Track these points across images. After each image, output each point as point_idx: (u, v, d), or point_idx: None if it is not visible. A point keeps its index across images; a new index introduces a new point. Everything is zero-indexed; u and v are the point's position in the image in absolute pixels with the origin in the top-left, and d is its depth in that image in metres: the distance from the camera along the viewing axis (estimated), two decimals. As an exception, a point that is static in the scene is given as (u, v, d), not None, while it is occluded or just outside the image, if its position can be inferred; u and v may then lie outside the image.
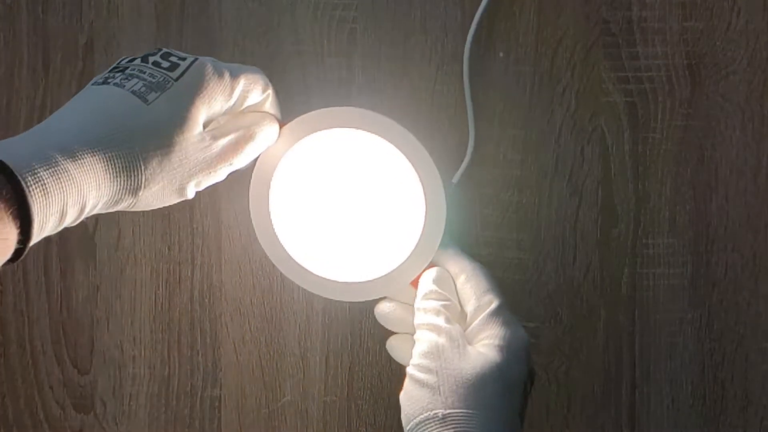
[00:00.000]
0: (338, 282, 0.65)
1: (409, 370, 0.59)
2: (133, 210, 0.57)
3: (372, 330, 0.72)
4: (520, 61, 0.71)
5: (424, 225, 0.64)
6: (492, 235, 0.71)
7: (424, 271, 0.63)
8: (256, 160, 0.64)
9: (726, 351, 0.71)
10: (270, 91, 0.62)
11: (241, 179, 0.64)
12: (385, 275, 0.64)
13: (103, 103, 0.55)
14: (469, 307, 0.61)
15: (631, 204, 0.71)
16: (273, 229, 0.65)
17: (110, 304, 0.72)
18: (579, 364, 0.71)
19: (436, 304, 0.61)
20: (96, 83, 0.57)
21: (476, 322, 0.61)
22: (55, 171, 0.50)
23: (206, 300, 0.72)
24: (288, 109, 0.64)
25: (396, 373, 0.65)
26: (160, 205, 0.58)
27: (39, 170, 0.50)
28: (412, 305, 0.63)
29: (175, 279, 0.72)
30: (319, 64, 0.71)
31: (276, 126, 0.63)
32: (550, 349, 0.71)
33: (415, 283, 0.63)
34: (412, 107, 0.71)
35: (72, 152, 0.52)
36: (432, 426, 0.56)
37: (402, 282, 0.64)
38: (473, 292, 0.61)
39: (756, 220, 0.71)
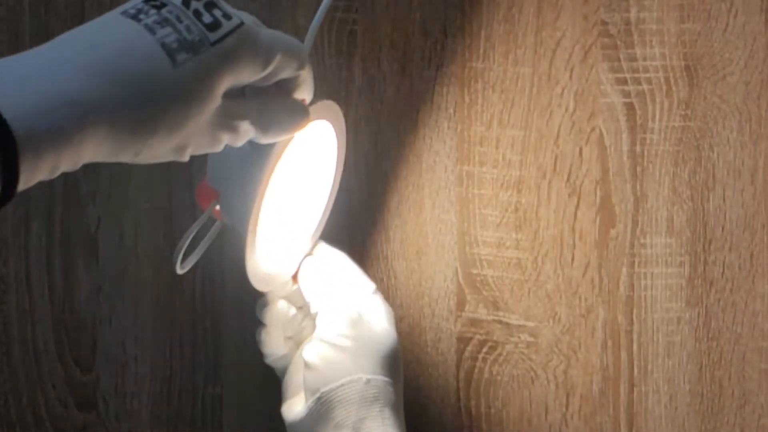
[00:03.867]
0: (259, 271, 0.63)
1: (326, 336, 0.63)
2: (127, 162, 0.51)
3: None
4: (518, 62, 0.71)
5: (314, 222, 0.67)
6: (491, 235, 0.72)
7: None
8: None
9: (723, 350, 0.72)
10: (305, 71, 0.57)
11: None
12: (277, 270, 0.65)
13: (126, 51, 0.48)
14: (352, 288, 0.66)
15: (629, 204, 0.71)
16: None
17: (112, 303, 0.72)
18: (577, 363, 0.72)
19: (335, 281, 0.66)
20: (126, 13, 0.49)
21: (359, 300, 0.65)
22: (53, 131, 0.44)
23: (208, 299, 0.72)
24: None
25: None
26: (154, 161, 0.52)
27: (36, 128, 0.43)
28: (287, 300, 0.67)
29: (177, 278, 0.72)
30: (320, 64, 0.72)
31: (298, 129, 0.58)
32: (549, 348, 0.72)
33: (294, 277, 0.67)
34: (412, 108, 0.71)
35: (76, 110, 0.45)
36: (355, 388, 0.61)
37: (285, 276, 0.66)
38: (352, 275, 0.67)
39: (753, 220, 0.71)
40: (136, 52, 0.47)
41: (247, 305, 0.72)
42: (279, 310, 0.67)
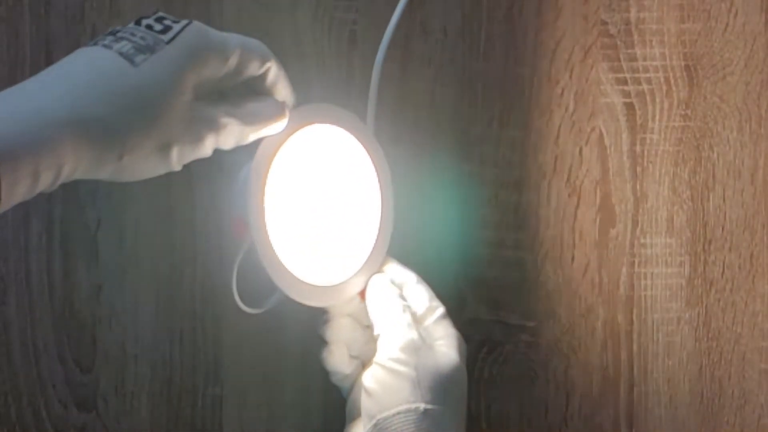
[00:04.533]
0: (306, 283, 0.63)
1: (385, 361, 0.60)
2: (119, 181, 0.55)
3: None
4: (518, 62, 0.71)
5: (378, 236, 0.66)
6: (491, 235, 0.72)
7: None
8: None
9: (723, 350, 0.72)
10: (271, 64, 0.60)
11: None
12: (341, 284, 0.65)
13: (87, 65, 0.53)
14: (420, 310, 0.64)
15: (629, 204, 0.72)
16: (263, 219, 0.63)
17: (112, 303, 0.73)
18: (577, 363, 0.72)
19: (401, 303, 0.63)
20: (85, 45, 0.55)
21: (428, 323, 0.63)
22: (26, 133, 0.48)
23: (208, 299, 0.72)
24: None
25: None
26: (145, 175, 0.56)
27: (8, 133, 0.47)
28: (351, 317, 0.65)
29: (177, 278, 0.72)
30: (320, 64, 0.72)
31: (279, 118, 0.61)
32: (549, 349, 0.72)
33: (362, 294, 0.65)
34: (412, 108, 0.71)
35: (46, 115, 0.49)
36: (411, 418, 0.58)
37: (353, 291, 0.65)
38: (423, 296, 0.64)
39: (753, 220, 0.71)
40: (96, 63, 0.52)
41: (247, 305, 0.72)
42: (341, 328, 0.65)
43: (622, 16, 0.71)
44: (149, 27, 0.55)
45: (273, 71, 0.61)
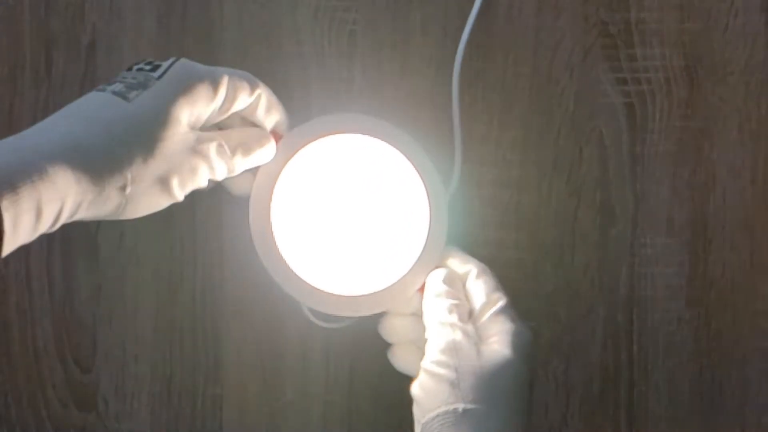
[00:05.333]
0: (343, 296, 0.64)
1: (426, 365, 0.59)
2: (123, 217, 0.56)
3: (373, 329, 0.72)
4: (518, 63, 0.71)
5: (429, 232, 0.64)
6: (491, 235, 0.72)
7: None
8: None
9: (724, 350, 0.72)
10: (260, 92, 0.61)
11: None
12: (392, 285, 0.64)
13: (82, 107, 0.55)
14: (477, 305, 0.62)
15: (629, 204, 0.72)
16: (275, 245, 0.64)
17: (112, 303, 0.73)
18: (577, 363, 0.72)
19: (448, 302, 0.61)
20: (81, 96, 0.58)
21: (485, 319, 0.61)
22: (24, 168, 0.49)
23: (208, 299, 0.72)
24: (288, 110, 0.65)
25: (397, 373, 0.65)
26: (150, 209, 0.58)
27: (7, 168, 0.49)
28: (415, 315, 0.64)
29: (177, 278, 0.72)
30: (320, 65, 0.72)
31: (268, 148, 0.63)
32: (549, 349, 0.72)
33: (422, 290, 0.64)
34: (412, 108, 0.71)
35: (45, 150, 0.51)
36: (450, 419, 0.57)
37: (409, 291, 0.64)
38: (481, 290, 0.62)
39: (753, 220, 0.71)
40: (91, 104, 0.55)
41: (247, 305, 0.72)
42: (400, 328, 0.64)
43: (622, 17, 0.71)
44: (140, 69, 0.57)
45: (264, 98, 0.62)
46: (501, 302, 0.62)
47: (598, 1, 0.71)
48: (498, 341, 0.60)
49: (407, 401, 0.61)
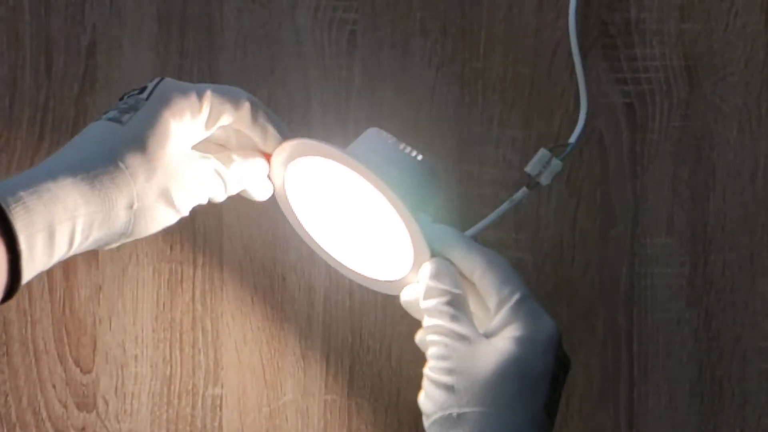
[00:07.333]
0: (363, 275, 0.64)
1: (426, 371, 0.58)
2: (135, 236, 0.58)
3: (372, 329, 0.72)
4: (519, 63, 0.71)
5: (412, 239, 0.61)
6: (491, 234, 0.72)
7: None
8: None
9: (724, 350, 0.72)
10: (248, 104, 0.61)
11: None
12: (398, 280, 0.63)
13: (84, 137, 0.59)
14: (491, 303, 0.59)
15: (629, 204, 0.72)
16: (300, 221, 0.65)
17: (112, 303, 0.73)
18: (577, 363, 0.72)
19: (435, 303, 0.59)
20: None
21: (499, 316, 0.58)
22: (36, 190, 0.54)
23: (207, 299, 0.72)
24: (288, 110, 0.65)
25: (396, 372, 0.65)
26: (158, 225, 0.59)
27: (19, 191, 0.53)
28: None
29: (177, 278, 0.72)
30: (320, 65, 0.72)
31: (258, 167, 0.63)
32: (549, 348, 0.72)
33: None
34: (412, 108, 0.71)
35: (54, 174, 0.55)
36: (446, 425, 0.55)
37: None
38: (491, 285, 0.59)
39: (753, 220, 0.71)
40: (90, 132, 0.59)
41: (247, 305, 0.72)
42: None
43: (623, 17, 0.71)
44: (130, 95, 0.61)
45: (253, 111, 0.62)
46: (515, 296, 0.58)
47: (598, 0, 0.71)
48: (503, 338, 0.57)
49: (407, 401, 0.61)
